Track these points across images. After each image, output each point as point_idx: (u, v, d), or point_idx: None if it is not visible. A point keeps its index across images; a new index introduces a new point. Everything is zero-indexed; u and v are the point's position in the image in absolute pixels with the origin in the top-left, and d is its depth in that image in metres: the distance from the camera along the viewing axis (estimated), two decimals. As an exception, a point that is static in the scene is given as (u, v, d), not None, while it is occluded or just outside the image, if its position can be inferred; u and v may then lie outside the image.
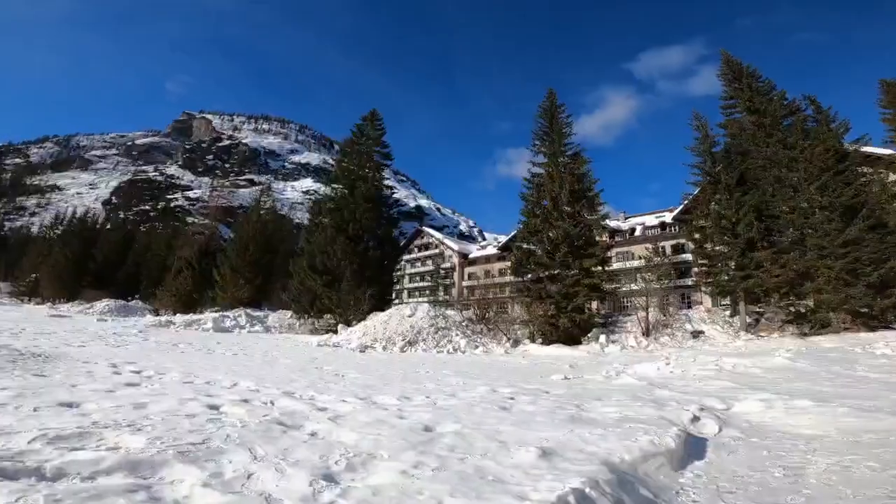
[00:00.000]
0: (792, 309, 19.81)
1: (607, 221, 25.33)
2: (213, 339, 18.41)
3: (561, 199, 23.42)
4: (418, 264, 65.93)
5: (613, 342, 19.32)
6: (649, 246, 27.04)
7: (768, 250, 20.28)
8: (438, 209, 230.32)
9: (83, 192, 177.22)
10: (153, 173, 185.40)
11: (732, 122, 24.44)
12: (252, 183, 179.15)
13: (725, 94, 25.17)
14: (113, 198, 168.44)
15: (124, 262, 60.07)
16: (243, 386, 6.61)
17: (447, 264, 62.09)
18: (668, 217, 39.90)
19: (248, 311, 30.31)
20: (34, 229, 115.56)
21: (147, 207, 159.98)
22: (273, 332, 25.73)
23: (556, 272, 22.64)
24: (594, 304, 25.41)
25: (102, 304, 39.65)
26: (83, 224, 69.23)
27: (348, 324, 22.92)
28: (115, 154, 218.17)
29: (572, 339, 20.30)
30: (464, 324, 21.36)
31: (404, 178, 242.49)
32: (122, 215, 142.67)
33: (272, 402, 5.44)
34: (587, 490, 2.85)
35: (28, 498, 2.18)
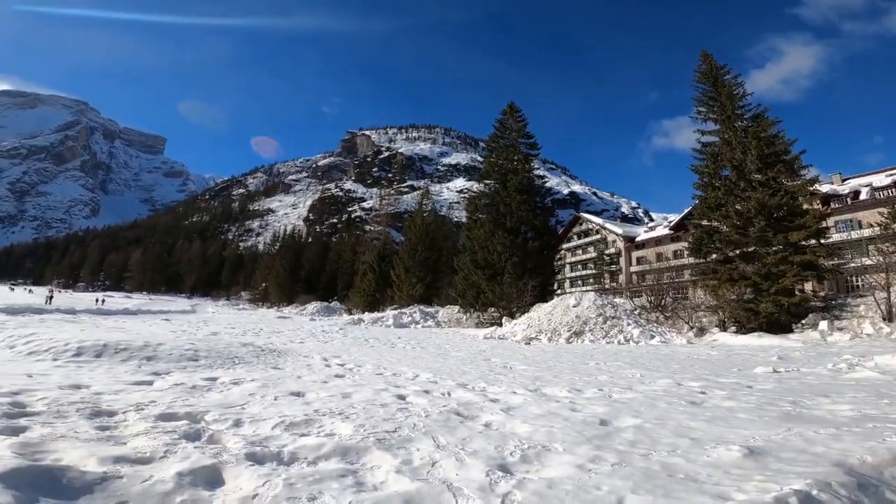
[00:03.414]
0: None
1: (816, 186, 20.57)
2: (394, 334, 20.61)
3: (746, 167, 19.96)
4: (579, 252, 63.38)
5: (839, 329, 15.60)
6: (884, 210, 21.15)
7: None
8: (595, 193, 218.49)
9: (289, 212, 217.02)
10: (335, 190, 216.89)
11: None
12: (412, 188, 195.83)
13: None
14: (309, 214, 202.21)
15: (324, 269, 71.75)
16: (423, 377, 7.20)
17: (611, 250, 58.28)
18: (906, 172, 30.51)
19: (421, 307, 33.21)
20: (260, 247, 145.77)
21: (335, 220, 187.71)
22: (443, 327, 27.65)
23: (750, 250, 19.33)
24: (808, 285, 20.95)
25: (311, 306, 47.89)
26: (292, 240, 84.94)
27: (512, 316, 23.25)
28: (305, 176, 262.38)
29: (779, 327, 17.08)
30: (635, 312, 19.78)
31: (553, 166, 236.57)
32: (317, 229, 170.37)
33: (449, 393, 5.79)
34: (814, 492, 2.45)
35: (271, 482, 2.62)
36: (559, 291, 35.38)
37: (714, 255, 20.80)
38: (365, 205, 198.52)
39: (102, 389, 4.85)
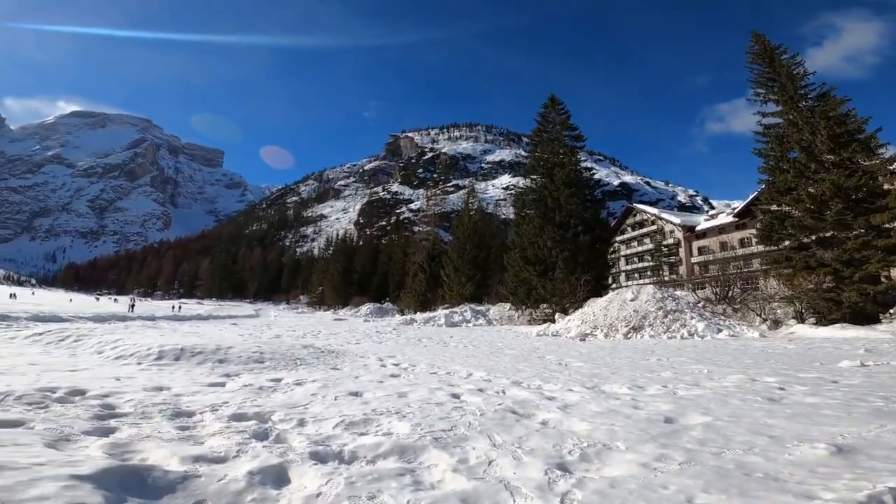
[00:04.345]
0: None
1: (897, 164, 18.77)
2: (446, 333, 20.75)
3: (816, 148, 18.61)
4: (634, 244, 60.99)
5: (938, 318, 13.99)
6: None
7: None
8: (647, 183, 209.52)
9: (340, 217, 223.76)
10: (382, 193, 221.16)
11: None
12: (458, 187, 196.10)
13: None
14: (359, 218, 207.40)
15: (375, 271, 73.51)
16: (476, 376, 7.19)
17: (669, 240, 55.60)
18: None
19: (472, 306, 33.21)
20: (315, 252, 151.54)
21: (384, 223, 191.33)
22: (494, 325, 27.50)
23: (827, 235, 17.85)
24: (895, 271, 19.04)
25: (365, 307, 49.25)
26: (345, 244, 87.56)
27: (565, 312, 22.75)
28: (353, 181, 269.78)
29: (864, 317, 15.62)
30: (699, 305, 18.77)
31: (601, 158, 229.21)
32: (368, 232, 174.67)
33: (503, 392, 5.75)
34: (912, 490, 2.31)
35: (334, 480, 2.71)
36: (614, 286, 34.18)
37: (787, 242, 19.39)
38: (412, 206, 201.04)
39: (181, 391, 5.20)
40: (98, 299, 78.41)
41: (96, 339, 9.58)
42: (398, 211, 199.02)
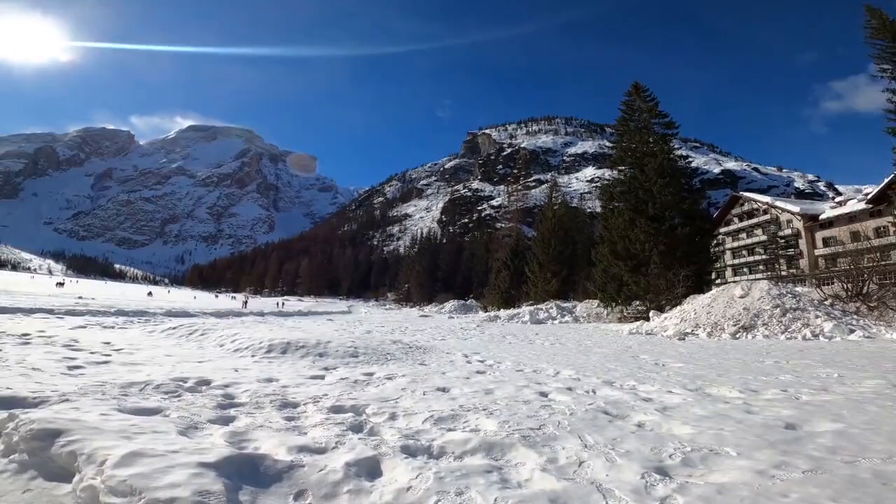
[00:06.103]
0: None
1: None
2: (531, 330, 20.39)
3: (961, 124, 15.71)
4: (742, 236, 55.25)
5: None
6: None
7: None
8: (756, 170, 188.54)
9: (423, 216, 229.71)
10: (463, 190, 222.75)
11: None
12: (539, 182, 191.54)
13: None
14: (442, 216, 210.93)
15: (459, 268, 74.64)
16: (565, 374, 6.98)
17: (786, 231, 49.52)
18: None
19: (558, 302, 32.30)
20: (401, 250, 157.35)
21: (466, 220, 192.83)
22: (581, 322, 26.47)
23: None
24: None
25: (449, 304, 50.13)
26: (429, 242, 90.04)
27: (661, 309, 21.24)
28: (434, 180, 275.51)
29: None
30: (826, 302, 16.55)
31: (698, 144, 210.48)
32: (451, 230, 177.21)
33: (594, 391, 5.53)
34: None
35: (423, 475, 2.75)
36: (718, 281, 31.09)
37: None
38: (493, 203, 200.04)
39: (288, 383, 5.64)
40: (217, 296, 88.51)
41: (219, 333, 10.67)
42: (479, 208, 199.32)
